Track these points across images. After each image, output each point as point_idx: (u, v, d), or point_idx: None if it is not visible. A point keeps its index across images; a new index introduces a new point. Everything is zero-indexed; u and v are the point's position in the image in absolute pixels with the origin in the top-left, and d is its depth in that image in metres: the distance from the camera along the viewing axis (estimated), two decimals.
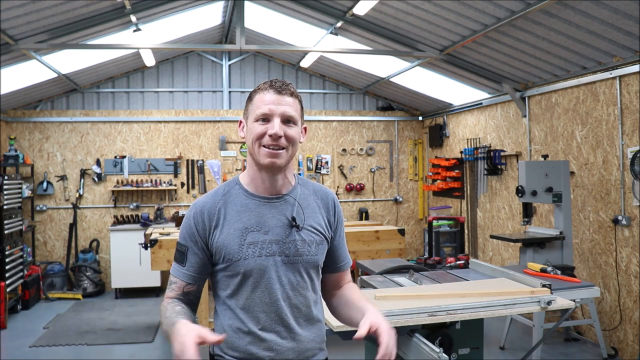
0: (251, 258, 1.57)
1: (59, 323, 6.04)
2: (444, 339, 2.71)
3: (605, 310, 4.88)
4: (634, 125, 4.51)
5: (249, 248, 1.57)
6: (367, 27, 5.76)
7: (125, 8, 5.33)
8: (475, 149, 7.03)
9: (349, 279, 1.83)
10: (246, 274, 1.57)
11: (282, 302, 1.58)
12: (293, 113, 1.58)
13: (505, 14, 4.49)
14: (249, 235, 1.58)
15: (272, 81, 1.60)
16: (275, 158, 1.55)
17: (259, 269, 1.57)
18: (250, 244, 1.57)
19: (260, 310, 1.58)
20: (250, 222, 1.59)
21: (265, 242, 1.58)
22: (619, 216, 4.67)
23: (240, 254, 1.57)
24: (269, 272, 1.57)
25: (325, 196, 1.73)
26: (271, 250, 1.58)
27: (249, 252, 1.57)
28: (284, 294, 1.59)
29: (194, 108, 8.25)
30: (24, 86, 6.76)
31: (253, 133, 1.57)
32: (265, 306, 1.58)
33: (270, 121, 1.56)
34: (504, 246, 6.54)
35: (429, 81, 7.07)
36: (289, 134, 1.56)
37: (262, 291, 1.57)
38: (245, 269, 1.57)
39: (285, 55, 8.22)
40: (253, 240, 1.58)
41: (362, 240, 5.71)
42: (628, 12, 3.88)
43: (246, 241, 1.57)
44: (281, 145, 1.55)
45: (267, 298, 1.58)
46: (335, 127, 8.55)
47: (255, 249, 1.57)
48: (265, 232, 1.59)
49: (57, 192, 7.71)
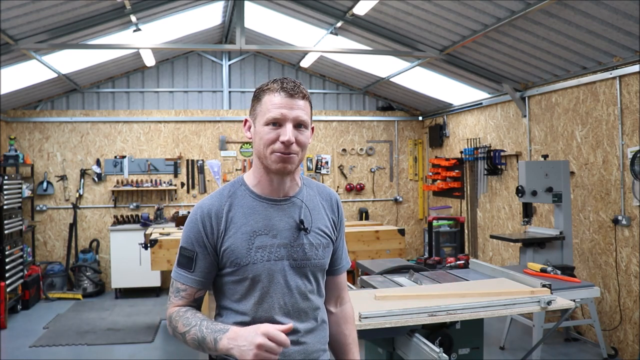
0: (260, 262, 1.52)
1: (59, 323, 6.04)
2: (444, 339, 2.71)
3: (605, 310, 4.88)
4: (634, 125, 4.51)
5: (257, 252, 1.52)
6: (367, 27, 5.76)
7: (125, 8, 5.33)
8: (475, 149, 7.03)
9: (346, 293, 1.82)
10: (255, 279, 1.52)
11: (289, 307, 1.56)
12: (305, 117, 1.52)
13: (505, 14, 4.49)
14: (257, 239, 1.53)
15: (283, 82, 1.52)
16: (287, 163, 1.51)
17: (268, 274, 1.53)
18: (258, 248, 1.52)
19: (269, 315, 1.54)
20: (258, 225, 1.54)
21: (273, 246, 1.54)
22: (619, 216, 4.67)
23: (248, 258, 1.52)
24: (277, 277, 1.54)
25: (329, 197, 1.71)
26: (280, 254, 1.54)
27: (258, 257, 1.52)
28: (292, 299, 1.56)
29: (194, 108, 8.25)
30: (24, 86, 6.76)
31: (264, 138, 1.51)
32: (273, 311, 1.54)
33: (282, 126, 1.49)
34: (504, 246, 6.54)
35: (429, 81, 7.07)
36: (300, 139, 1.51)
37: (270, 296, 1.54)
38: (254, 274, 1.52)
39: (285, 55, 8.22)
40: (261, 244, 1.53)
41: (362, 240, 5.71)
42: (628, 12, 3.88)
43: (254, 245, 1.52)
44: (293, 151, 1.50)
45: (275, 303, 1.54)
46: (335, 127, 8.55)
47: (264, 253, 1.53)
48: (274, 235, 1.54)
49: (57, 192, 7.71)
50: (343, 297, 1.80)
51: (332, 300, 1.78)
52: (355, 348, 1.76)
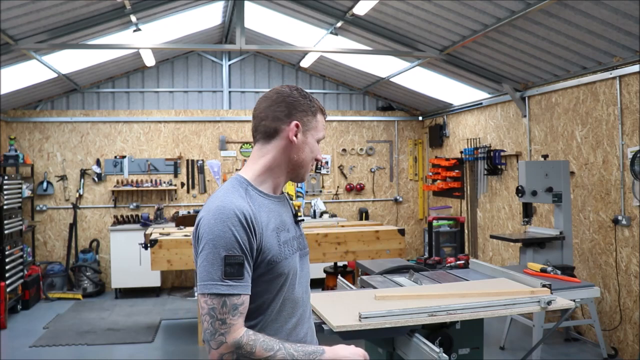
0: (289, 257, 1.57)
1: (59, 323, 6.04)
2: (444, 339, 2.71)
3: (605, 310, 4.88)
4: (634, 125, 4.51)
5: (285, 247, 1.56)
6: (367, 27, 5.76)
7: (125, 8, 5.33)
8: (475, 149, 7.03)
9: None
10: (287, 273, 1.55)
11: (305, 295, 1.65)
12: None
13: (505, 14, 4.49)
14: (281, 235, 1.57)
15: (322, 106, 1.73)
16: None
17: (294, 267, 1.59)
18: (284, 243, 1.57)
19: (295, 306, 1.59)
20: (277, 222, 1.58)
21: (290, 239, 1.60)
22: (619, 216, 4.67)
23: (281, 255, 1.53)
24: (297, 269, 1.60)
25: None
26: (294, 246, 1.62)
27: (286, 251, 1.56)
28: (306, 286, 1.66)
29: (194, 108, 8.25)
30: (24, 86, 6.76)
31: (314, 152, 1.69)
32: (300, 302, 1.61)
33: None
34: (504, 246, 6.54)
35: (429, 81, 7.07)
36: None
37: (296, 288, 1.60)
38: (287, 269, 1.55)
39: (285, 55, 8.22)
40: (285, 239, 1.58)
41: (362, 240, 5.71)
42: (628, 12, 3.88)
43: (281, 241, 1.56)
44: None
45: (299, 293, 1.61)
46: (335, 127, 8.56)
47: (287, 247, 1.58)
48: (287, 230, 1.61)
49: (57, 192, 7.71)
50: None
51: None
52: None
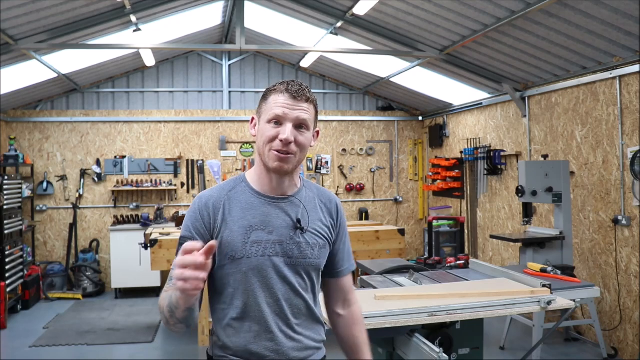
0: (254, 257, 1.55)
1: (59, 323, 6.04)
2: (444, 339, 2.71)
3: (605, 310, 4.88)
4: (634, 125, 4.51)
5: (252, 247, 1.55)
6: (367, 27, 5.76)
7: (125, 8, 5.33)
8: (475, 149, 7.03)
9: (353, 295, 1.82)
10: (248, 272, 1.56)
11: (283, 302, 1.58)
12: (306, 117, 1.56)
13: (505, 14, 4.49)
14: (253, 234, 1.56)
15: (289, 84, 1.56)
16: (283, 163, 1.54)
17: (261, 269, 1.56)
18: (254, 243, 1.56)
19: (262, 309, 1.57)
20: (255, 221, 1.58)
21: (269, 242, 1.57)
22: (619, 216, 4.67)
23: (243, 252, 1.55)
24: (270, 272, 1.57)
25: (329, 200, 1.74)
26: (275, 250, 1.57)
27: (252, 251, 1.55)
28: (286, 295, 1.59)
29: (194, 108, 8.25)
30: (24, 86, 6.76)
31: (264, 135, 1.55)
32: (267, 306, 1.57)
33: (282, 125, 1.53)
34: (504, 246, 6.54)
35: (429, 81, 7.07)
36: (299, 140, 1.55)
37: (263, 291, 1.57)
38: (248, 268, 1.55)
39: (285, 55, 8.22)
40: (257, 239, 1.56)
41: (362, 240, 5.71)
42: (628, 12, 3.88)
43: (250, 239, 1.56)
44: (291, 151, 1.54)
45: (269, 298, 1.57)
46: (335, 127, 8.56)
47: (259, 248, 1.56)
48: (270, 232, 1.58)
49: (57, 192, 7.71)
50: (350, 300, 1.82)
51: (339, 302, 1.80)
52: (366, 348, 1.79)
